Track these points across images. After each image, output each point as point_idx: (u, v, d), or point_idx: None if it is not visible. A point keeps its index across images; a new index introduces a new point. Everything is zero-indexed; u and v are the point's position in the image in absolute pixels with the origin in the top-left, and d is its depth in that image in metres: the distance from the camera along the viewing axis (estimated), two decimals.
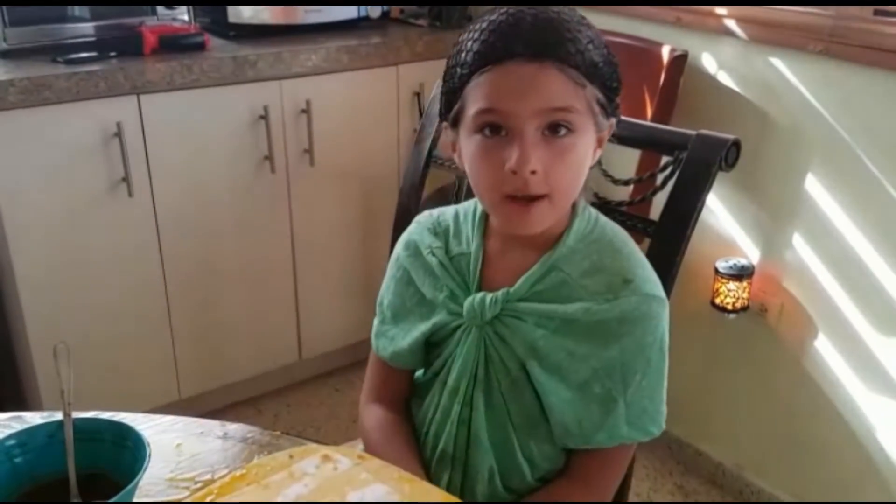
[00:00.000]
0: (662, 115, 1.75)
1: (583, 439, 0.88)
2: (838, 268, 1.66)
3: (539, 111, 0.78)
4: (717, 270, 1.78)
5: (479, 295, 0.89)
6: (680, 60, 1.75)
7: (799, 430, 1.81)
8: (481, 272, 0.91)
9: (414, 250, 0.95)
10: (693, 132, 0.94)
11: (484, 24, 0.80)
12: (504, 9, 0.80)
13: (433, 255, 0.93)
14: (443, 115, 0.87)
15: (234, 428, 0.90)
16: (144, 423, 0.87)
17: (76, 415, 0.76)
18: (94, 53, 1.83)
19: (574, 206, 0.88)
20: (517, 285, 0.87)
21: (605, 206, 1.00)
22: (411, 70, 2.18)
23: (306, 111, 2.04)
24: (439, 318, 0.92)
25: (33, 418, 0.88)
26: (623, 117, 1.04)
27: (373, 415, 1.00)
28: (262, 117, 1.98)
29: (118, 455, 0.75)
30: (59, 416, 0.77)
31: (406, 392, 1.01)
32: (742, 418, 1.93)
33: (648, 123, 1.04)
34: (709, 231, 1.85)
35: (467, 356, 0.90)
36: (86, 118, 1.76)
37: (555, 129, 0.79)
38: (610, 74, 0.83)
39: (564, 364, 0.86)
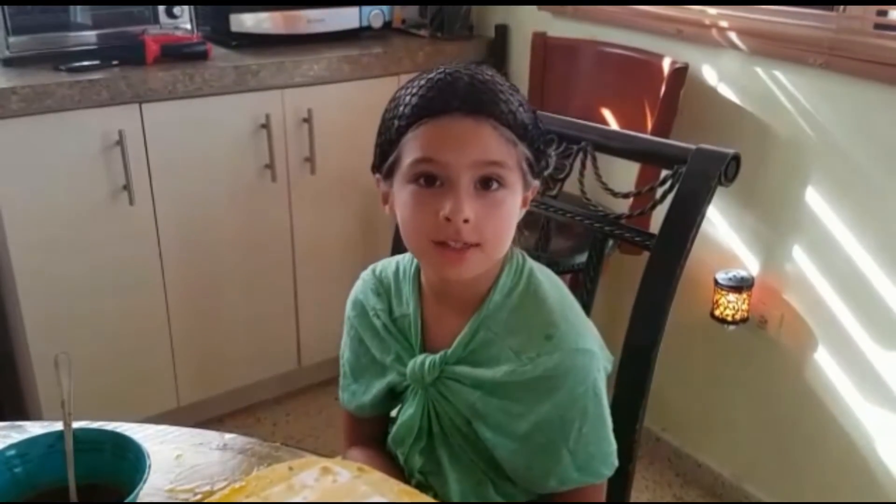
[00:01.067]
0: (662, 127, 1.75)
1: (537, 485, 0.91)
2: (838, 280, 1.66)
3: (474, 163, 0.81)
4: (716, 282, 1.78)
5: (420, 358, 0.91)
6: (680, 73, 1.76)
7: (798, 442, 1.81)
8: (423, 332, 0.93)
9: (360, 310, 0.98)
10: (693, 146, 0.94)
11: (422, 81, 0.83)
12: (442, 69, 0.83)
13: (377, 317, 0.96)
14: (376, 167, 0.89)
15: (233, 439, 0.90)
16: (144, 433, 0.87)
17: (76, 425, 0.76)
18: (96, 62, 1.83)
19: (504, 262, 0.90)
20: (452, 348, 0.89)
21: (604, 218, 1.00)
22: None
23: (308, 120, 2.05)
24: (391, 378, 0.95)
25: (33, 428, 0.88)
26: (623, 130, 1.05)
27: (353, 456, 1.03)
28: (263, 126, 1.99)
29: (118, 465, 0.75)
30: (59, 425, 0.77)
31: (381, 433, 1.04)
32: (741, 430, 1.93)
33: (648, 137, 1.05)
34: (709, 242, 1.85)
35: (414, 414, 0.94)
36: (88, 126, 1.77)
37: (487, 182, 0.82)
38: (538, 137, 0.86)
39: (504, 421, 0.88)
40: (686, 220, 0.91)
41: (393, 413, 1.02)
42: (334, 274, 2.24)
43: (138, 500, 0.71)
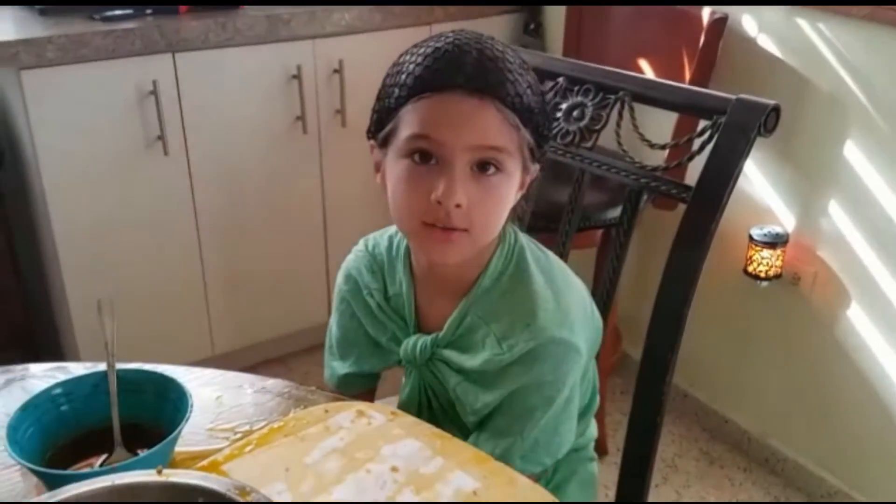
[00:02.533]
0: (701, 78, 1.72)
1: None
2: (874, 237, 1.63)
3: (473, 146, 0.77)
4: (751, 237, 1.77)
5: (413, 340, 0.91)
6: (720, 23, 1.72)
7: (827, 399, 1.80)
8: (417, 312, 0.92)
9: (354, 286, 0.96)
10: (732, 96, 0.92)
11: (428, 50, 0.79)
12: (450, 37, 0.79)
13: (371, 296, 0.94)
14: (371, 133, 0.86)
15: (271, 383, 0.92)
16: (185, 376, 0.88)
17: (119, 366, 0.78)
18: (129, 10, 1.83)
19: (496, 244, 0.87)
20: (443, 331, 0.88)
21: (641, 170, 0.99)
22: (444, 30, 2.16)
23: (339, 71, 2.04)
24: (391, 358, 0.95)
25: (77, 368, 0.91)
26: (661, 80, 1.03)
27: None
28: (294, 77, 1.99)
29: (160, 405, 0.78)
30: (101, 367, 0.80)
31: None
32: (770, 386, 1.93)
33: (687, 87, 1.03)
34: (744, 197, 1.83)
35: (411, 393, 0.94)
36: (122, 76, 1.78)
37: (484, 166, 0.79)
38: (543, 121, 0.83)
39: (477, 406, 0.88)
40: (724, 171, 0.90)
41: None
42: (364, 225, 2.23)
43: (180, 439, 0.74)
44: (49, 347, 2.16)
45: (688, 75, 1.75)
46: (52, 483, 0.69)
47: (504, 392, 0.85)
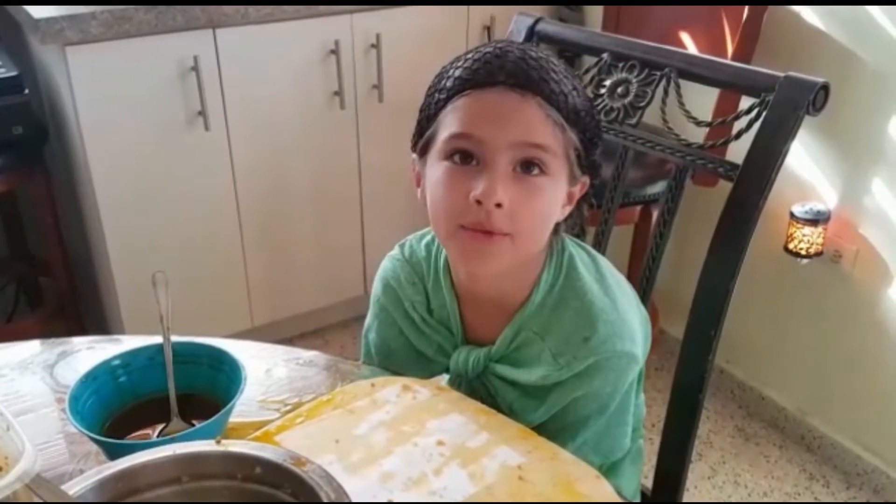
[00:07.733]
0: (744, 52, 1.70)
1: None
2: None
3: (515, 143, 0.74)
4: (792, 215, 1.75)
5: (464, 353, 0.88)
6: None
7: (866, 377, 1.79)
8: (463, 323, 0.89)
9: (394, 297, 0.92)
10: (780, 74, 0.91)
11: (470, 54, 0.78)
12: (492, 43, 0.78)
13: (415, 309, 0.91)
14: (413, 145, 0.84)
15: (317, 356, 0.94)
16: (235, 349, 0.91)
17: (174, 339, 0.80)
18: None
19: (545, 260, 0.85)
20: (496, 346, 0.86)
21: (687, 148, 0.99)
22: (484, 17, 2.15)
23: (376, 46, 2.04)
24: (436, 368, 0.92)
25: (129, 341, 0.93)
26: (708, 56, 1.02)
27: None
28: (332, 52, 1.99)
29: (214, 377, 0.80)
30: (151, 339, 0.82)
31: None
32: (809, 363, 1.92)
33: (734, 63, 1.01)
34: (786, 174, 1.79)
35: None
36: (164, 51, 1.80)
37: (527, 166, 0.75)
38: (591, 126, 0.80)
39: (531, 418, 0.86)
40: (772, 149, 0.89)
41: None
42: (400, 201, 2.27)
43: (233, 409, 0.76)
44: (94, 318, 2.21)
45: (731, 48, 1.72)
46: (112, 452, 0.72)
47: (560, 404, 0.84)
